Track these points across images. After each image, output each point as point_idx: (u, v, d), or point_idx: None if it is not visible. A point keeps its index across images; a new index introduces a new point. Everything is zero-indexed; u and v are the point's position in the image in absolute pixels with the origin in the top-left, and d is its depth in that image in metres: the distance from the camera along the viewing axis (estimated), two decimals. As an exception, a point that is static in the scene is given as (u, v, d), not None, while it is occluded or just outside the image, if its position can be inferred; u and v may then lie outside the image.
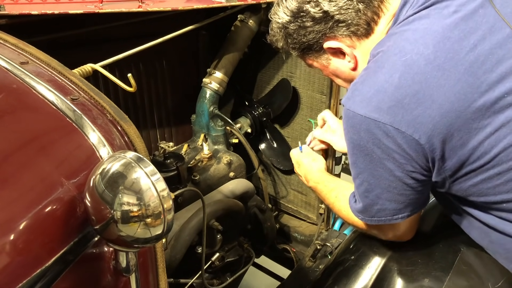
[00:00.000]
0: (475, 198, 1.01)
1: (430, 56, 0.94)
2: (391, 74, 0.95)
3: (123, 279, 0.78)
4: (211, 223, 1.46)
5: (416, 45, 0.95)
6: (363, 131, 0.98)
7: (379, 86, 0.96)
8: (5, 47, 1.02)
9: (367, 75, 1.01)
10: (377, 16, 1.06)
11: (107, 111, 0.85)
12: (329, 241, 1.78)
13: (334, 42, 1.10)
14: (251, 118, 1.80)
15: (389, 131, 0.95)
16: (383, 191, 1.04)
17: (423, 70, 0.93)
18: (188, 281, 1.42)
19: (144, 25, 1.55)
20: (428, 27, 0.97)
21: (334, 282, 1.23)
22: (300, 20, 1.09)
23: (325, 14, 1.06)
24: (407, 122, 0.93)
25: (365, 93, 0.98)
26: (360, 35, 1.08)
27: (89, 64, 1.14)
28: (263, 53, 1.80)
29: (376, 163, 1.00)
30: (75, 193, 0.70)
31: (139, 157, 0.68)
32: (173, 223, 0.69)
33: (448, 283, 1.09)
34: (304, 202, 1.92)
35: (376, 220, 1.09)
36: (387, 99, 0.95)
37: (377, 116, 0.95)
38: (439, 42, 0.94)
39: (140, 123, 1.73)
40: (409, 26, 1.00)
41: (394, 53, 0.97)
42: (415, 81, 0.93)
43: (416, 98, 0.93)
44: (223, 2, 1.53)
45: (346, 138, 1.04)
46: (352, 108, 0.99)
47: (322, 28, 1.08)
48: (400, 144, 0.95)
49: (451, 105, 0.92)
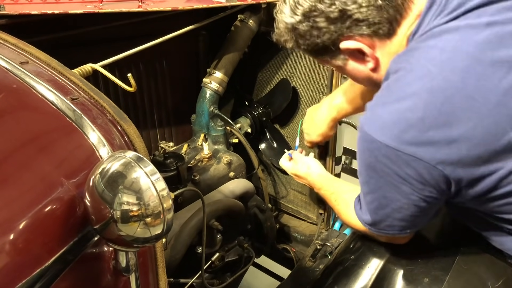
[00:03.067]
0: (499, 215, 0.98)
1: (458, 84, 0.85)
2: (415, 102, 0.87)
3: (122, 279, 0.78)
4: (211, 223, 1.46)
5: (443, 69, 0.86)
6: (381, 156, 0.92)
7: (401, 114, 0.88)
8: (5, 47, 1.02)
9: (388, 96, 0.93)
10: (400, 16, 0.95)
11: (107, 111, 0.85)
12: (329, 241, 1.78)
13: (352, 42, 0.98)
14: (251, 118, 1.80)
15: (411, 160, 0.88)
16: (394, 211, 1.00)
17: (450, 100, 0.85)
18: (188, 281, 1.42)
19: (144, 25, 1.55)
20: (457, 46, 0.87)
21: (334, 282, 1.23)
22: (312, 20, 0.97)
23: (342, 13, 0.94)
24: (431, 154, 0.87)
25: (385, 120, 0.90)
26: (381, 34, 0.96)
27: (89, 64, 1.14)
28: (263, 53, 1.80)
29: (391, 186, 0.95)
30: (75, 192, 0.70)
31: (139, 157, 0.68)
32: (173, 223, 0.69)
33: (448, 283, 1.09)
34: (304, 202, 1.92)
35: (384, 232, 1.08)
36: (410, 130, 0.87)
37: (398, 145, 0.88)
38: (469, 66, 0.85)
39: (140, 123, 1.73)
40: (435, 41, 0.90)
41: (418, 77, 0.88)
42: (441, 113, 0.85)
43: (442, 131, 0.85)
44: (223, 2, 1.53)
45: (360, 157, 0.98)
46: (370, 132, 0.92)
47: (338, 28, 0.96)
48: (421, 173, 0.89)
49: (481, 138, 0.85)
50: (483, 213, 1.02)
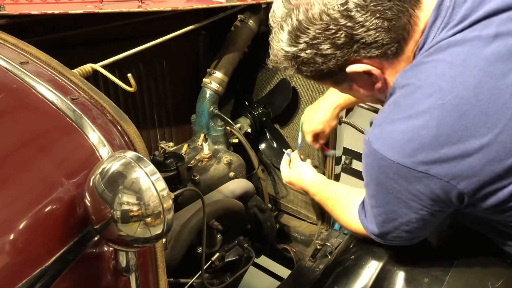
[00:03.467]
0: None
1: (471, 100, 0.83)
2: (427, 120, 0.85)
3: (123, 279, 0.78)
4: (211, 223, 1.46)
5: (455, 85, 0.84)
6: (392, 174, 0.90)
7: (414, 133, 0.86)
8: (5, 47, 1.02)
9: (397, 114, 0.90)
10: (407, 34, 0.92)
11: (107, 111, 0.85)
12: (329, 241, 1.78)
13: (360, 66, 0.93)
14: (251, 118, 1.80)
15: (423, 177, 0.87)
16: (401, 225, 0.99)
17: (463, 117, 0.83)
18: (188, 281, 1.42)
19: (144, 25, 1.55)
20: (467, 60, 0.85)
21: (334, 282, 1.23)
22: (316, 47, 0.91)
23: (349, 38, 0.89)
24: (444, 170, 0.85)
25: (397, 138, 0.88)
26: (390, 55, 0.92)
27: (89, 64, 1.14)
28: (263, 53, 1.80)
29: (400, 202, 0.94)
30: (75, 192, 0.70)
31: (139, 157, 0.68)
32: (173, 223, 0.69)
33: (448, 283, 1.08)
34: (304, 202, 1.92)
35: (391, 242, 1.07)
36: (423, 149, 0.85)
37: (411, 163, 0.87)
38: (481, 81, 0.83)
39: (140, 123, 1.73)
40: (443, 55, 0.87)
41: (429, 93, 0.86)
42: (455, 129, 0.83)
43: (456, 148, 0.84)
44: (223, 2, 1.53)
45: (368, 172, 0.97)
46: (381, 150, 0.89)
47: (345, 53, 0.91)
48: (433, 189, 0.88)
49: (496, 154, 0.83)
50: (496, 222, 1.01)
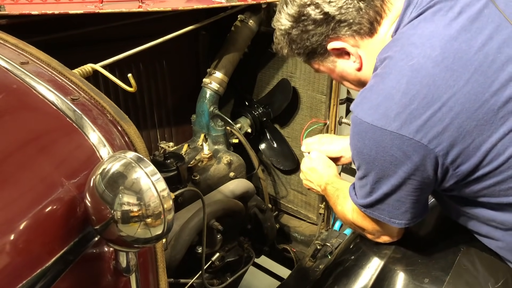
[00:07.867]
0: (486, 199, 1.00)
1: (437, 58, 0.92)
2: (398, 80, 0.94)
3: (123, 279, 0.78)
4: (211, 223, 1.46)
5: (423, 48, 0.94)
6: (367, 139, 0.96)
7: (386, 93, 0.95)
8: (5, 47, 1.02)
9: (375, 82, 0.99)
10: (379, 16, 1.05)
11: (107, 111, 0.85)
12: (329, 241, 1.78)
13: (337, 43, 1.09)
14: (251, 118, 1.80)
15: (396, 139, 0.93)
16: (385, 196, 1.03)
17: (431, 72, 0.91)
18: (188, 281, 1.42)
19: (144, 25, 1.55)
20: (434, 30, 0.95)
21: (334, 282, 1.23)
22: (302, 24, 1.09)
23: (326, 16, 1.05)
24: (415, 127, 0.91)
25: (373, 100, 0.96)
26: (363, 33, 1.06)
27: (89, 64, 1.14)
28: (263, 53, 1.80)
29: (378, 171, 0.99)
30: (75, 193, 0.71)
31: (139, 157, 0.68)
32: (173, 223, 0.69)
33: (448, 283, 1.09)
34: (304, 202, 1.92)
35: (376, 215, 1.09)
36: (394, 106, 0.93)
37: (384, 123, 0.93)
38: (446, 43, 0.93)
39: (140, 123, 1.73)
40: (415, 30, 0.98)
41: (400, 59, 0.96)
42: (423, 85, 0.91)
43: (425, 102, 0.90)
44: (223, 2, 1.53)
45: (351, 143, 1.04)
46: (359, 115, 0.97)
47: (324, 30, 1.07)
48: (407, 152, 0.93)
49: (462, 106, 0.89)
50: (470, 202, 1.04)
